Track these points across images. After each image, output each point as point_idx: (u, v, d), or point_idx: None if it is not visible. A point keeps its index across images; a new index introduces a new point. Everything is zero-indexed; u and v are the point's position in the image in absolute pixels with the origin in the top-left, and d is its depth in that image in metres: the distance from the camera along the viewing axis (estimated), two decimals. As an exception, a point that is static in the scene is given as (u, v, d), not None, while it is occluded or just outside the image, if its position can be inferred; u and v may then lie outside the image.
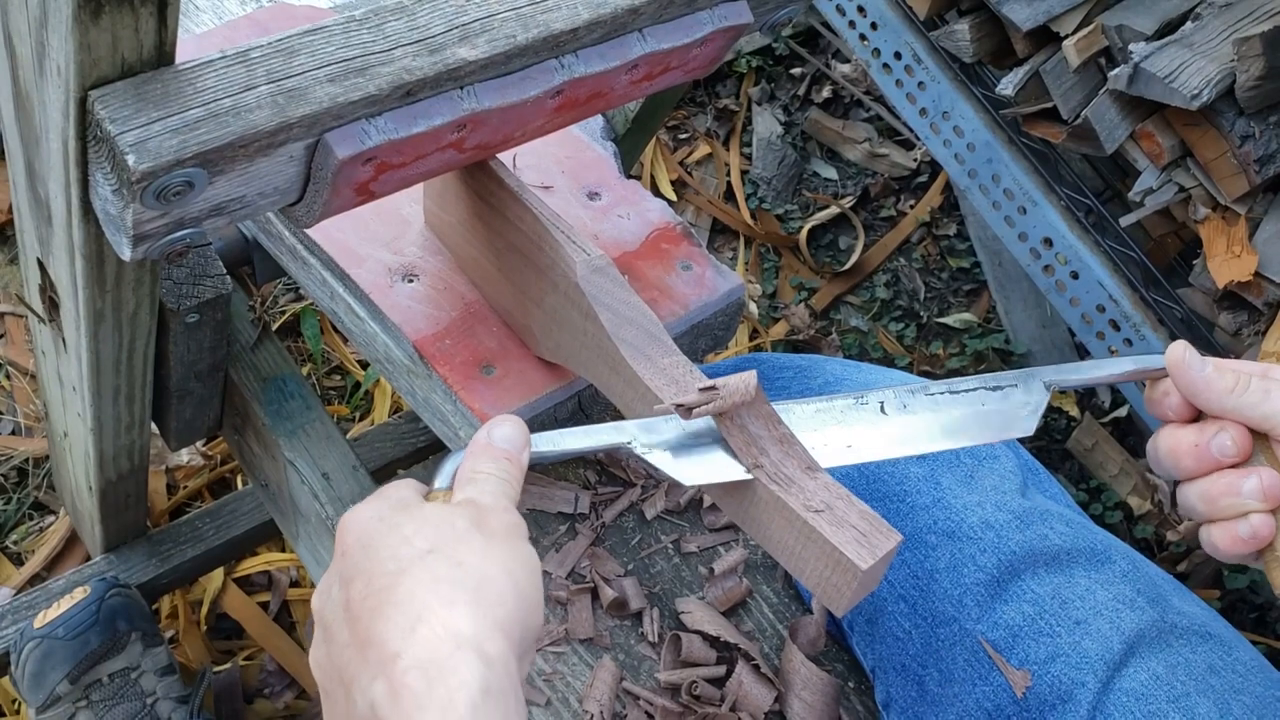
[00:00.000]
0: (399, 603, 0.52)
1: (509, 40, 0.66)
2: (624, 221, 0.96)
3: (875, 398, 0.70)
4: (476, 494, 0.59)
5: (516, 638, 0.53)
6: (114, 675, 1.26)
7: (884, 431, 0.70)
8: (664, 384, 0.73)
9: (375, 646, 0.51)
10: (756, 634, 0.96)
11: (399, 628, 0.51)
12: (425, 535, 0.55)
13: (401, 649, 0.50)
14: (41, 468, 1.61)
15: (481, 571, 0.54)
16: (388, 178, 0.68)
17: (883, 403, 0.70)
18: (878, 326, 2.09)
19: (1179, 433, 0.71)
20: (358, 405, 1.75)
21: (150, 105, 0.57)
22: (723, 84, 2.31)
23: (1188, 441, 0.70)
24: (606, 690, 0.89)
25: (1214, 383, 0.69)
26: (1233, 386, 0.69)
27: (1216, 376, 0.69)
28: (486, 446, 0.62)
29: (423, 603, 0.52)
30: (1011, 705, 0.84)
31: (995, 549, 0.88)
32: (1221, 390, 0.69)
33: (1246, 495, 0.68)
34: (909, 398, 0.70)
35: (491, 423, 0.64)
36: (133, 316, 0.81)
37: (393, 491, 0.60)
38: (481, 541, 0.55)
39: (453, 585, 0.52)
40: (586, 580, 0.95)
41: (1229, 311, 1.51)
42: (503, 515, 0.58)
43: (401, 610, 0.52)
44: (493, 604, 0.53)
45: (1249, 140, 1.40)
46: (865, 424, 0.70)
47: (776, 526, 0.67)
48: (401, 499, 0.59)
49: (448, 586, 0.52)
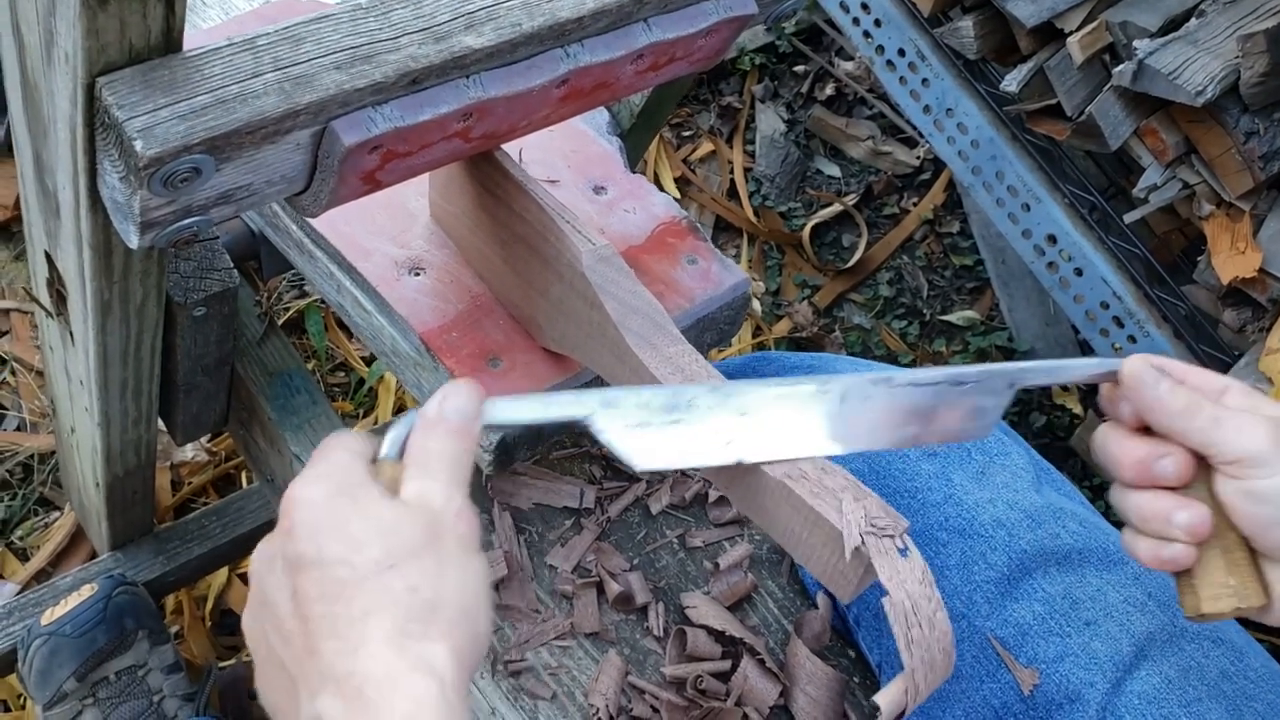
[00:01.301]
0: (353, 620, 0.52)
1: (514, 28, 0.66)
2: (629, 216, 0.96)
3: (837, 387, 0.68)
4: (428, 490, 0.57)
5: (468, 658, 0.54)
6: (120, 673, 1.26)
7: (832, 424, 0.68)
8: (670, 373, 0.73)
9: (326, 659, 0.52)
10: (761, 629, 0.96)
11: (351, 646, 0.51)
12: (378, 546, 0.54)
13: (354, 668, 0.51)
14: (47, 464, 1.61)
15: (436, 596, 0.53)
16: (394, 166, 0.68)
17: (845, 393, 0.67)
18: (881, 324, 2.09)
19: (1126, 443, 0.70)
20: (361, 402, 1.75)
21: (158, 92, 0.57)
22: (726, 81, 2.31)
23: (1132, 455, 0.69)
24: (612, 684, 0.89)
25: (1166, 402, 0.68)
26: (1182, 409, 0.68)
27: (1169, 396, 0.68)
28: (438, 420, 0.60)
29: (377, 626, 0.52)
30: (1018, 703, 0.83)
31: (1007, 547, 0.88)
32: (1172, 410, 0.68)
33: (1176, 525, 0.68)
34: (871, 388, 0.68)
35: (444, 391, 0.61)
36: (140, 308, 0.81)
37: (338, 462, 0.58)
38: (435, 563, 0.54)
39: (408, 612, 0.52)
40: (592, 575, 0.95)
41: (1233, 308, 1.51)
42: (455, 524, 0.57)
43: (355, 629, 0.52)
44: (446, 630, 0.53)
45: (1254, 137, 1.40)
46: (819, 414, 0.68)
47: (783, 514, 0.67)
48: (349, 480, 0.57)
49: (403, 611, 0.52)
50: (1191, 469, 0.69)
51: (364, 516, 0.55)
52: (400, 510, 0.56)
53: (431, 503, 0.57)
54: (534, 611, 0.92)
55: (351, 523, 0.55)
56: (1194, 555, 0.68)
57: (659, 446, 0.65)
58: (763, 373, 1.08)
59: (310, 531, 0.55)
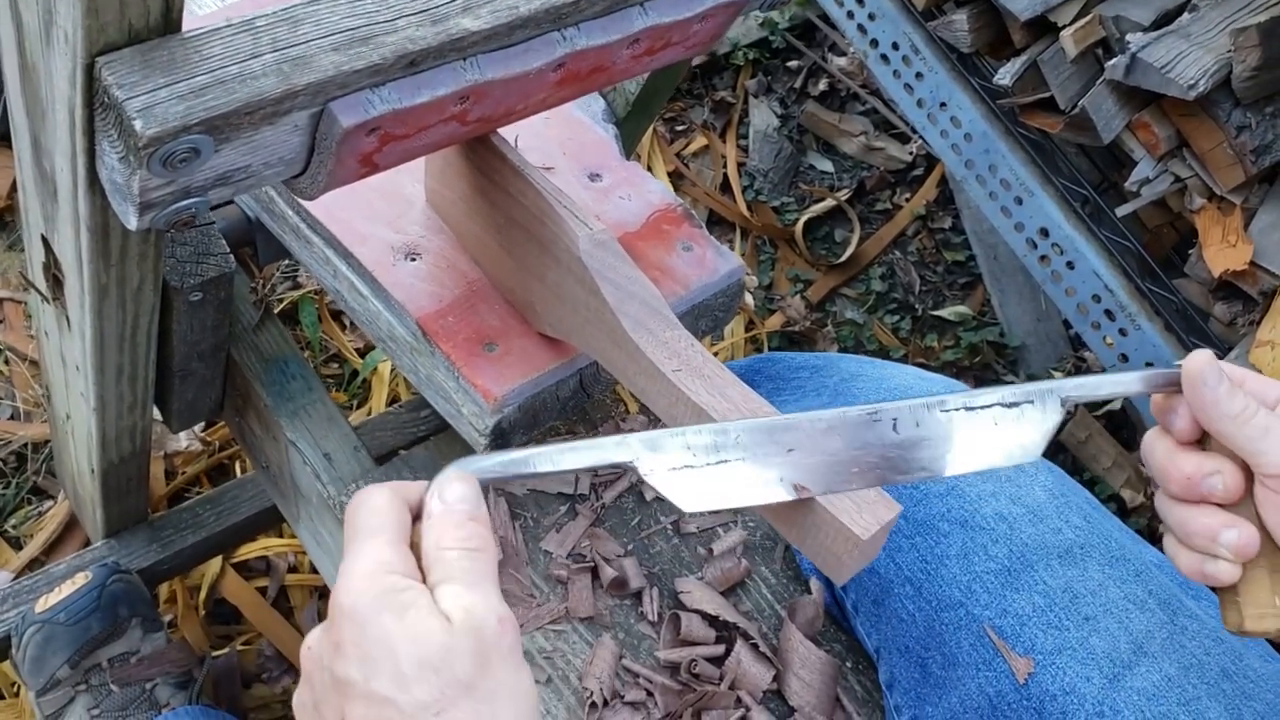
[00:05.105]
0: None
1: (511, 11, 0.66)
2: (625, 203, 0.96)
3: (887, 414, 0.66)
4: (471, 605, 0.55)
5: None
6: (114, 660, 1.26)
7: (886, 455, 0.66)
8: (666, 357, 0.74)
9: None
10: (755, 614, 0.97)
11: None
12: (427, 685, 0.53)
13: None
14: (41, 453, 1.61)
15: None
16: (391, 149, 0.68)
17: (896, 420, 0.66)
18: (873, 319, 2.10)
19: (1176, 456, 0.69)
20: (355, 393, 1.76)
21: (157, 72, 0.58)
22: (719, 76, 2.32)
23: (1181, 469, 0.69)
24: (606, 668, 0.90)
25: (1222, 404, 0.67)
26: (1238, 413, 0.67)
27: (1227, 398, 0.67)
28: (445, 513, 0.58)
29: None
30: (1013, 692, 0.84)
31: (1008, 540, 0.88)
32: (1227, 413, 0.67)
33: (1223, 544, 0.67)
34: (923, 413, 0.67)
35: (439, 486, 0.59)
36: (137, 292, 0.81)
37: (380, 558, 0.56)
38: (486, 700, 0.54)
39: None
40: (587, 560, 0.95)
41: (1224, 301, 1.52)
42: (500, 639, 0.55)
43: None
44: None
45: (1245, 130, 1.41)
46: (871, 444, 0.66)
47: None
48: (393, 586, 0.55)
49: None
50: (1241, 487, 0.68)
51: (412, 641, 0.54)
52: (447, 635, 0.54)
53: (476, 619, 0.55)
54: (529, 596, 0.93)
55: (399, 654, 0.53)
56: (1238, 573, 0.68)
57: (706, 488, 0.64)
58: (768, 375, 1.09)
59: (359, 656, 0.54)
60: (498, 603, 0.56)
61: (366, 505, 0.59)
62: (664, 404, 0.74)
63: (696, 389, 0.72)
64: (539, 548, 0.95)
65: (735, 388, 0.73)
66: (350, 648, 0.54)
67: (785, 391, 1.06)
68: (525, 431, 0.87)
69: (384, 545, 0.57)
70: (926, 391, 0.97)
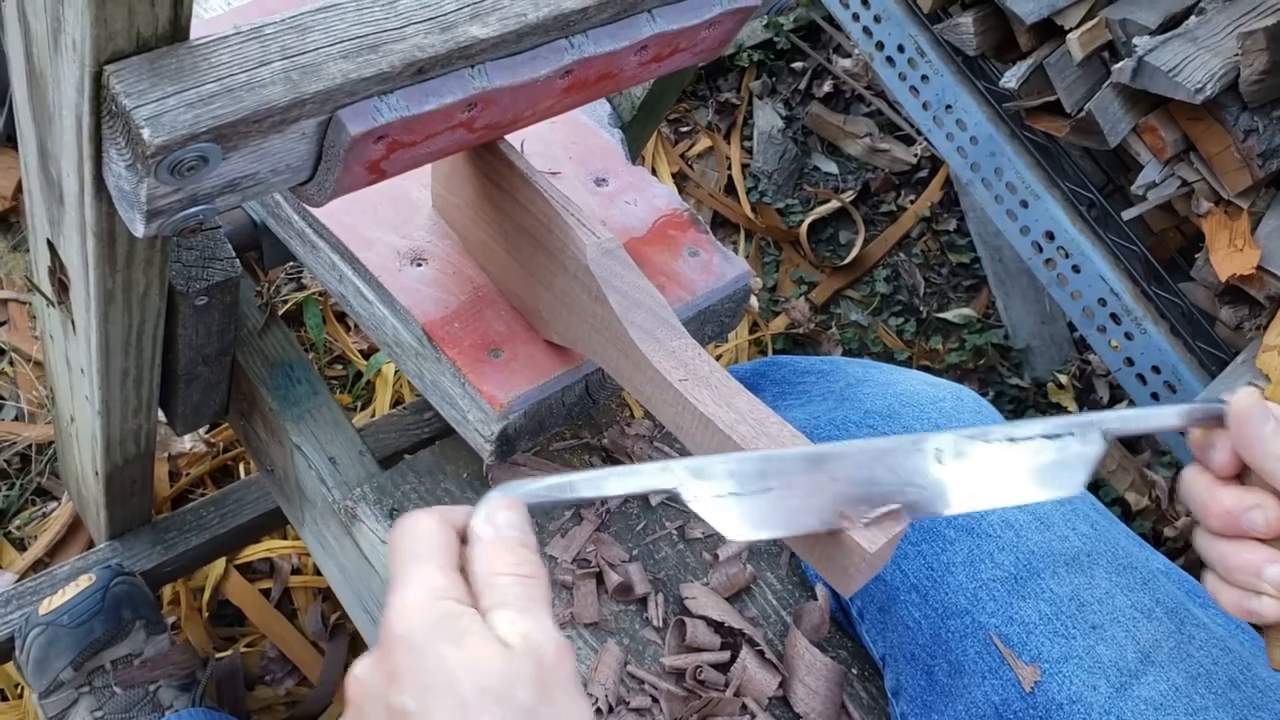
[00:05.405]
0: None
1: (520, 19, 0.66)
2: (631, 208, 0.96)
3: (931, 444, 0.65)
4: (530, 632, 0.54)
5: None
6: (117, 662, 1.26)
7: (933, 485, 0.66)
8: (673, 366, 0.74)
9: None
10: (760, 620, 0.96)
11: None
12: (488, 711, 0.51)
13: None
14: (44, 454, 1.61)
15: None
16: (399, 156, 0.68)
17: (939, 450, 0.65)
18: (878, 321, 2.09)
19: (1216, 491, 0.68)
20: (359, 395, 1.76)
21: (165, 80, 0.57)
22: (724, 78, 2.32)
23: (1221, 504, 0.67)
24: (611, 674, 0.89)
25: (1269, 443, 0.66)
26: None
27: (1273, 437, 0.66)
28: (496, 538, 0.57)
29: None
30: (1019, 700, 0.83)
31: (1014, 547, 0.88)
32: (1273, 452, 0.66)
33: (1266, 580, 0.66)
34: (967, 444, 0.66)
35: (487, 509, 0.58)
36: (143, 297, 0.81)
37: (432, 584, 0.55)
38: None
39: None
40: (592, 565, 0.95)
41: (1230, 306, 1.51)
42: (558, 666, 0.54)
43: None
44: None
45: (1252, 135, 1.40)
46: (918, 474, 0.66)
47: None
48: (448, 612, 0.54)
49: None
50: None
51: (472, 669, 0.52)
52: (507, 663, 0.53)
53: (535, 646, 0.53)
54: (534, 602, 0.92)
55: (459, 682, 0.52)
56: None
57: (752, 516, 0.63)
58: (773, 379, 1.08)
59: (416, 686, 0.52)
60: (554, 630, 0.55)
61: (413, 531, 0.57)
62: (670, 413, 0.74)
63: (703, 399, 0.72)
64: (544, 553, 0.95)
65: (742, 397, 0.73)
66: (407, 677, 0.52)
67: (791, 396, 1.06)
68: (530, 438, 0.87)
69: (436, 571, 0.56)
70: (933, 397, 0.97)
